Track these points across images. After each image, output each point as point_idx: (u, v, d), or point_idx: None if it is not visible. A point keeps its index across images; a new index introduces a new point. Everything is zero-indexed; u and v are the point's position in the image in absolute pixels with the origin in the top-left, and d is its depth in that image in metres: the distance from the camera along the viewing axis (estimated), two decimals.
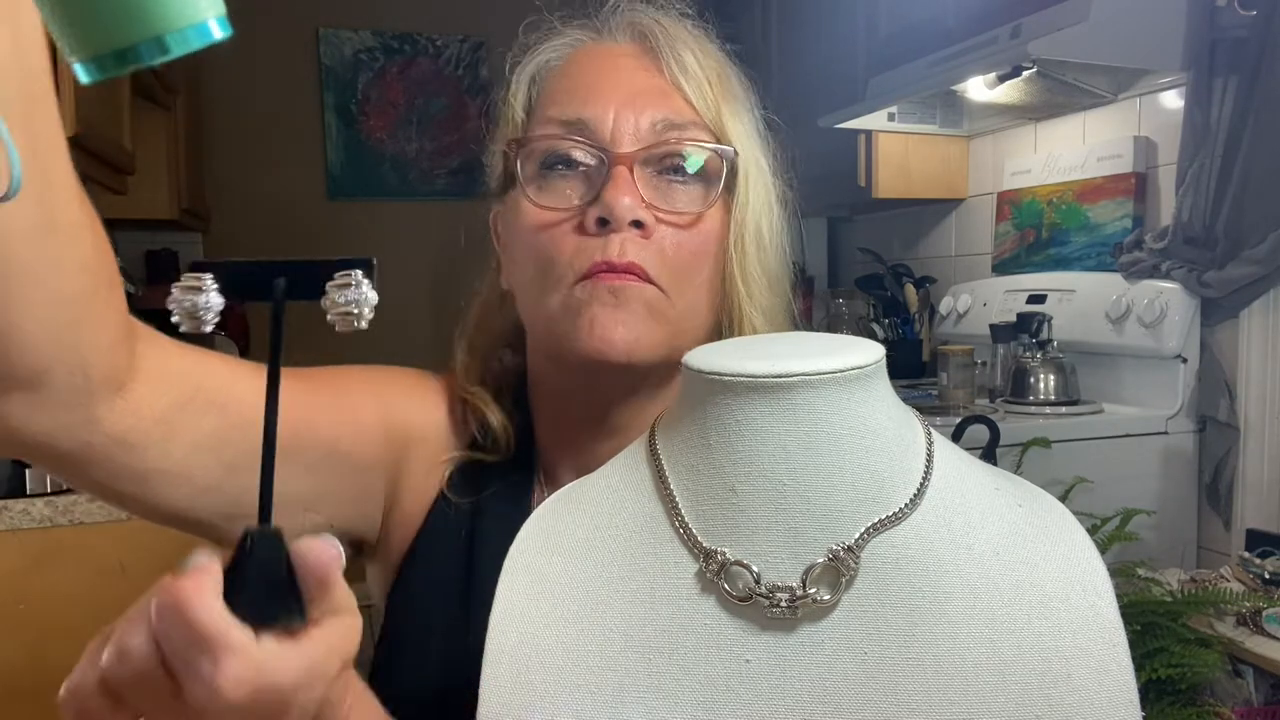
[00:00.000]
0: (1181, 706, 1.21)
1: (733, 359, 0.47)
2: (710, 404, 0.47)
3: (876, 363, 0.47)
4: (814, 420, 0.45)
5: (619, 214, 0.59)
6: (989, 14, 1.84)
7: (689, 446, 0.48)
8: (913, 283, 2.58)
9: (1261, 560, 1.45)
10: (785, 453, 0.45)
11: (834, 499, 0.46)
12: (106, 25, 0.29)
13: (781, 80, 2.80)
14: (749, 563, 0.45)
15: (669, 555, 0.47)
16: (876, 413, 0.47)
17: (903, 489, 0.47)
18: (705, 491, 0.47)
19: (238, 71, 3.39)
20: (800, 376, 0.45)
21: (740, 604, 0.45)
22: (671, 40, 0.64)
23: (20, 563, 1.44)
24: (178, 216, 2.68)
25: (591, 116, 0.61)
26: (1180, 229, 1.69)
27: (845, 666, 0.44)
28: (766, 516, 0.46)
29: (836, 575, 0.45)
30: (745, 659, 0.45)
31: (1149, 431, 1.73)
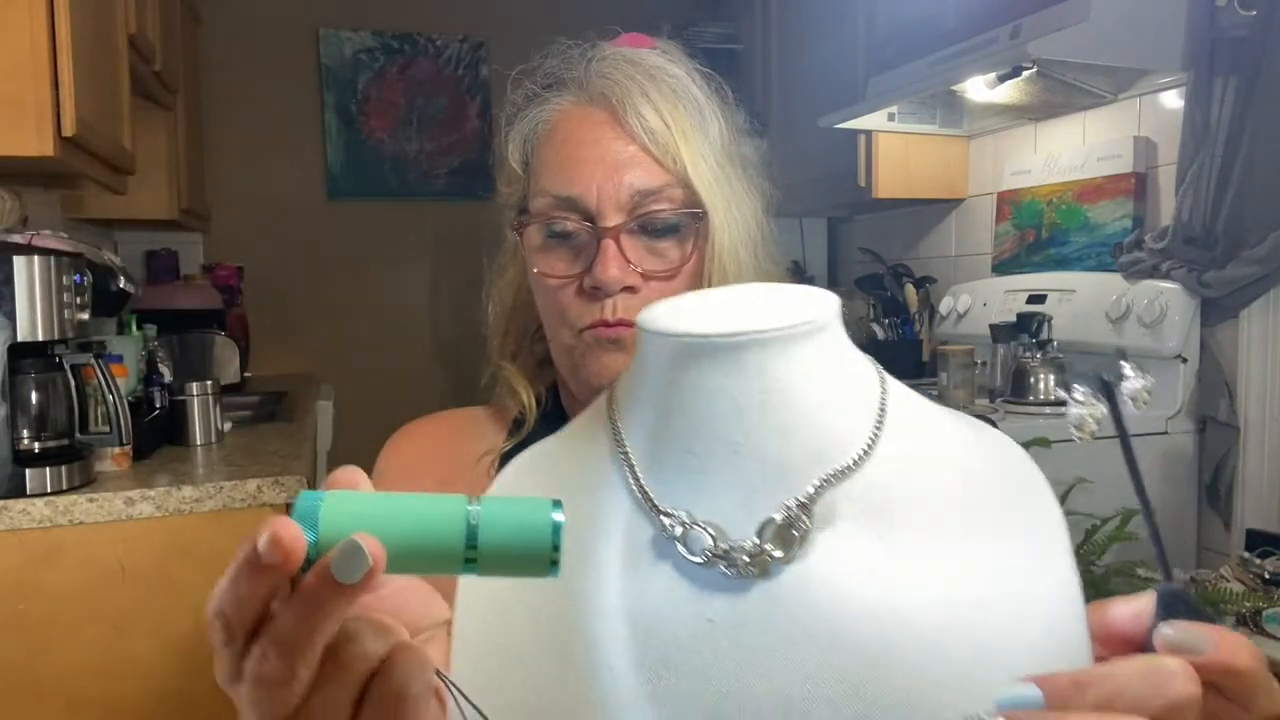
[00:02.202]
0: None
1: (684, 319, 0.47)
2: (664, 366, 0.47)
3: (827, 317, 0.47)
4: (766, 378, 0.45)
5: (609, 285, 0.70)
6: (989, 14, 1.84)
7: (645, 409, 0.49)
8: (913, 283, 2.58)
9: (1261, 560, 1.45)
10: (739, 411, 0.45)
11: (788, 456, 0.46)
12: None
13: (781, 80, 2.80)
14: (707, 524, 0.45)
15: (629, 519, 0.48)
16: (828, 366, 0.47)
17: (856, 441, 0.47)
18: (663, 454, 0.47)
19: (238, 71, 3.40)
20: (752, 335, 0.45)
21: (700, 566, 0.45)
22: (636, 105, 0.72)
23: (20, 563, 1.44)
24: (178, 216, 2.68)
25: (579, 193, 0.72)
26: (1180, 229, 1.69)
27: (804, 620, 0.44)
28: (722, 477, 0.46)
29: (789, 532, 0.45)
30: (708, 619, 0.45)
31: (1149, 431, 1.73)
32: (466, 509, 0.36)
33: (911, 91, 2.05)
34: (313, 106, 3.53)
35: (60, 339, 1.55)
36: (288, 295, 3.46)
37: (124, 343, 1.96)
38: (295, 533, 0.34)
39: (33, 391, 1.55)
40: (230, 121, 3.38)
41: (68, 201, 2.36)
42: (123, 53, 1.95)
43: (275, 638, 0.35)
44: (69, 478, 1.54)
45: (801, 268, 3.09)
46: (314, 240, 3.52)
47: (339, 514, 0.36)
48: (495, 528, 0.36)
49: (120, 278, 1.84)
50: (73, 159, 1.61)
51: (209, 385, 2.06)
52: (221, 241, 3.41)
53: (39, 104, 1.48)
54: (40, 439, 1.56)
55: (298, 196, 3.51)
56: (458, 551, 0.36)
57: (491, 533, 0.36)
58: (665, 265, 0.73)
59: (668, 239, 0.73)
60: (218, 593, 0.36)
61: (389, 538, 0.35)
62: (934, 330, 2.45)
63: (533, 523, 0.37)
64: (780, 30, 2.80)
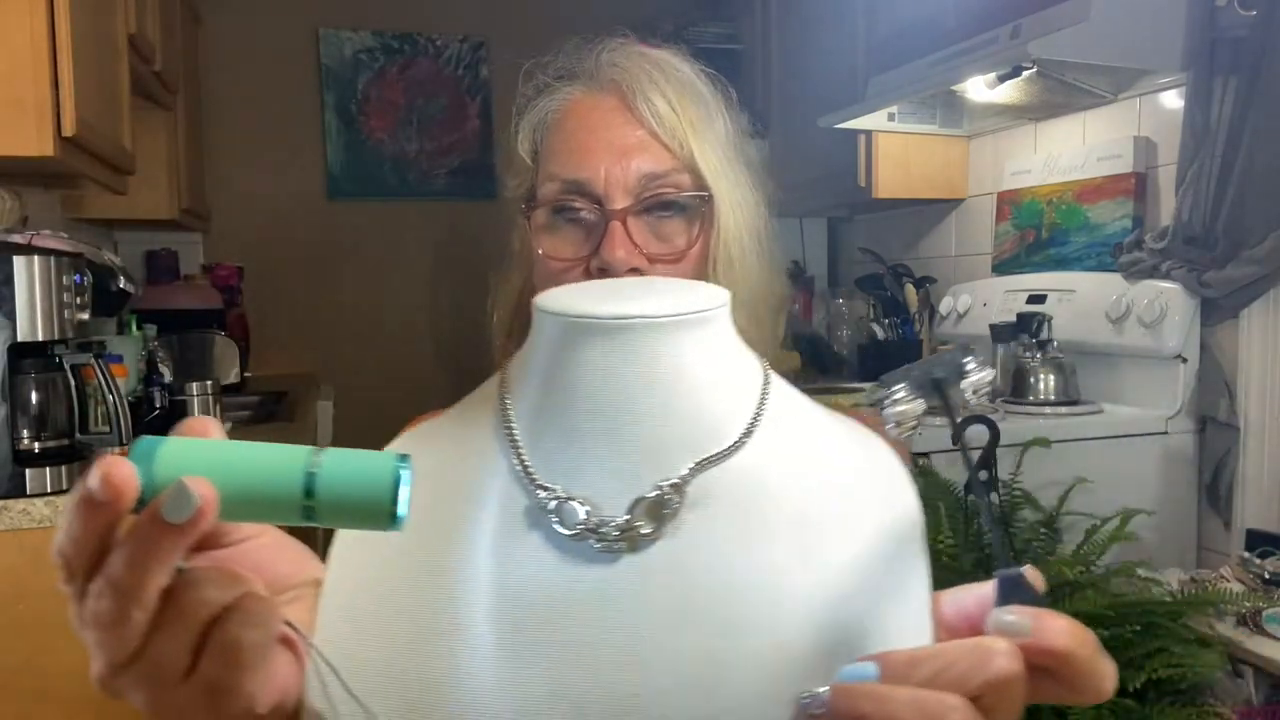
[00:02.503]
0: (1181, 706, 1.21)
1: (580, 300, 0.48)
2: (556, 344, 0.48)
3: (719, 306, 0.50)
4: (654, 361, 0.47)
5: (616, 266, 0.71)
6: (989, 14, 1.84)
7: (533, 385, 0.50)
8: (913, 283, 2.58)
9: (1261, 560, 1.45)
10: (625, 392, 0.47)
11: (668, 436, 0.47)
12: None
13: (781, 80, 2.80)
14: (581, 498, 0.47)
15: (506, 492, 0.49)
16: (714, 354, 0.49)
17: (734, 428, 0.49)
18: (546, 430, 0.49)
19: (238, 71, 3.40)
20: (642, 318, 0.47)
21: (571, 539, 0.47)
22: (646, 92, 0.73)
23: (20, 563, 1.44)
24: (178, 216, 2.68)
25: (588, 177, 0.73)
26: (1180, 229, 1.69)
27: (668, 596, 0.46)
28: (603, 455, 0.47)
29: (660, 510, 0.47)
30: (572, 588, 0.46)
31: (1149, 431, 1.73)
32: (308, 458, 0.37)
33: (911, 91, 2.05)
34: (313, 106, 3.53)
35: (60, 339, 1.55)
36: (288, 295, 3.46)
37: (124, 343, 1.96)
38: (127, 472, 0.34)
39: (33, 391, 1.55)
40: (230, 121, 3.38)
41: (68, 201, 2.36)
42: (123, 53, 1.95)
43: (108, 578, 0.35)
44: (69, 477, 1.54)
45: (801, 268, 3.08)
46: (314, 240, 3.52)
47: (177, 458, 0.36)
48: (335, 478, 0.36)
49: (120, 278, 1.84)
50: (73, 159, 1.61)
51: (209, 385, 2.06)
52: (221, 241, 3.41)
53: (39, 104, 1.48)
54: (40, 439, 1.56)
55: (298, 196, 3.51)
56: (295, 499, 0.36)
57: (331, 482, 0.36)
58: (671, 248, 0.74)
59: (674, 222, 0.74)
60: (59, 530, 0.36)
61: (227, 483, 0.35)
62: (934, 330, 2.45)
63: (374, 474, 0.37)
64: (780, 30, 2.80)
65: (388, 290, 3.57)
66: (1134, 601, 1.25)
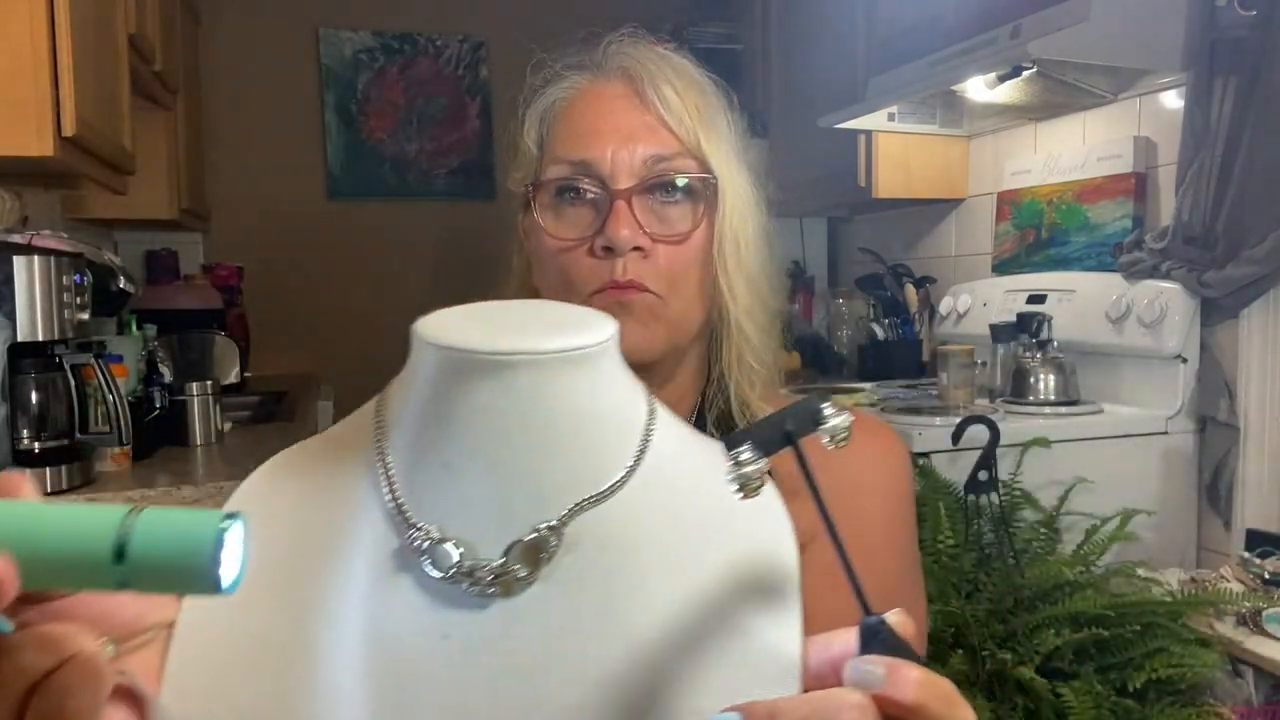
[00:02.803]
0: (1181, 706, 1.21)
1: (459, 331, 0.46)
2: (436, 376, 0.46)
3: (605, 341, 0.47)
4: (536, 399, 0.45)
5: (621, 244, 0.71)
6: (989, 14, 1.84)
7: (409, 419, 0.48)
8: (913, 283, 2.58)
9: (1261, 560, 1.45)
10: (504, 431, 0.45)
11: (548, 477, 0.46)
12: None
13: (781, 80, 2.80)
14: (454, 539, 0.45)
15: (376, 531, 0.46)
16: (600, 392, 0.47)
17: (615, 469, 0.47)
18: (421, 466, 0.46)
19: (238, 71, 3.40)
20: (525, 355, 0.45)
21: (443, 582, 0.45)
22: (655, 79, 0.74)
23: None
24: (178, 216, 2.68)
25: (593, 157, 0.73)
26: (1180, 229, 1.69)
27: (542, 642, 0.44)
28: (479, 494, 0.45)
29: (537, 553, 0.45)
30: (444, 635, 0.44)
31: (1149, 431, 1.73)
32: (122, 520, 0.34)
33: (911, 91, 2.05)
34: (313, 106, 3.53)
35: (60, 339, 1.55)
36: (288, 295, 3.46)
37: (124, 343, 1.96)
38: None
39: (33, 391, 1.55)
40: (230, 121, 3.38)
41: (68, 201, 2.36)
42: (123, 53, 1.95)
43: None
44: (69, 478, 1.54)
45: (801, 268, 3.09)
46: (314, 240, 3.52)
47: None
48: (149, 541, 0.34)
49: (120, 278, 1.84)
50: (73, 159, 1.61)
51: (209, 385, 2.06)
52: (221, 241, 3.41)
53: (39, 104, 1.48)
54: (40, 439, 1.56)
55: (298, 196, 3.51)
56: (106, 565, 0.34)
57: (144, 547, 0.34)
58: (676, 231, 0.74)
59: (679, 206, 0.74)
60: None
61: (32, 550, 0.33)
62: (934, 330, 2.45)
63: (192, 536, 0.34)
64: (780, 30, 2.80)
65: (388, 290, 3.57)
66: (1134, 601, 1.25)
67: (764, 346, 0.77)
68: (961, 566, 1.32)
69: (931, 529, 1.35)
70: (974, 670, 1.22)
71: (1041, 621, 1.23)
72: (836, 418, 0.44)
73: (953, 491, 1.44)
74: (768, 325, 0.78)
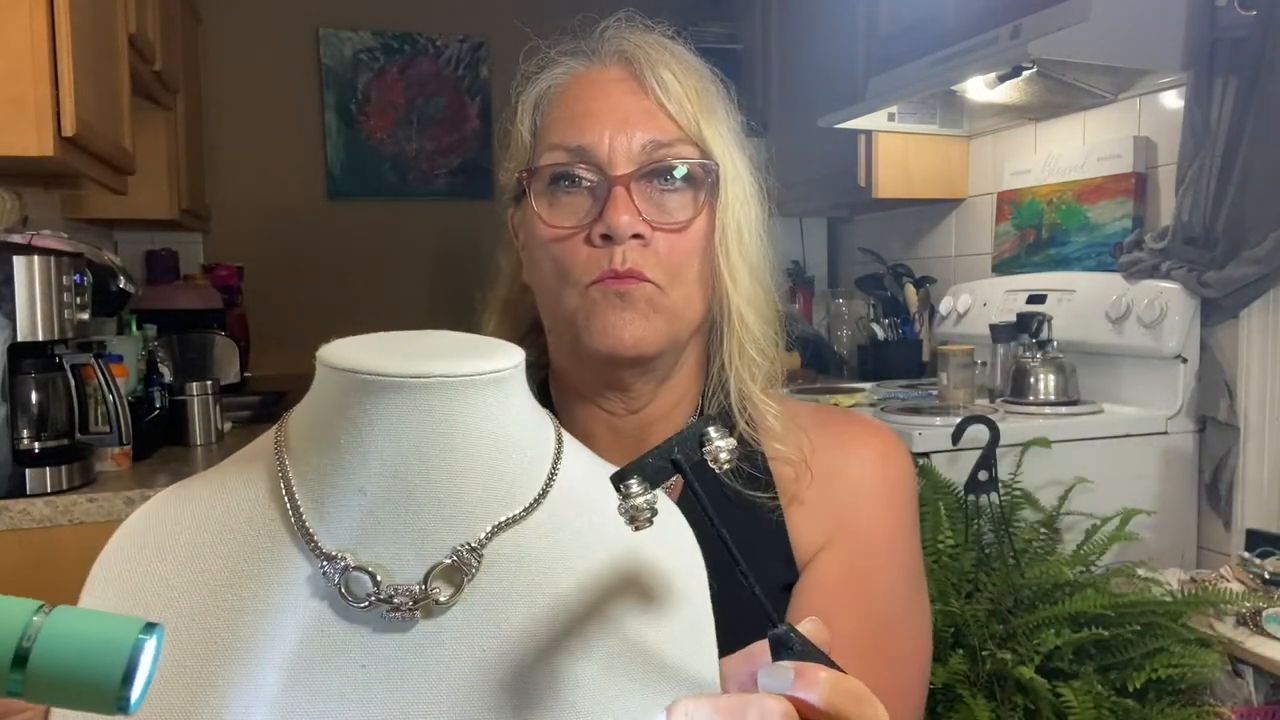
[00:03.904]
0: (1181, 706, 1.21)
1: (370, 356, 0.45)
2: (344, 402, 0.45)
3: (514, 367, 0.48)
4: (450, 421, 0.45)
5: (620, 231, 0.68)
6: (989, 14, 1.84)
7: (317, 446, 0.47)
8: (913, 283, 2.58)
9: (1261, 560, 1.45)
10: (419, 454, 0.45)
11: (464, 500, 0.46)
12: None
13: (781, 80, 2.80)
14: (369, 566, 0.44)
15: (287, 561, 0.46)
16: (511, 415, 0.48)
17: (530, 489, 0.48)
18: (332, 493, 0.46)
19: (238, 71, 3.40)
20: (439, 378, 0.45)
21: (361, 609, 0.44)
22: (653, 63, 0.72)
23: (20, 562, 1.44)
24: (178, 216, 2.68)
25: (590, 143, 0.70)
26: (1180, 229, 1.69)
27: (463, 665, 0.44)
28: (396, 518, 0.45)
29: (458, 575, 0.45)
30: (362, 665, 0.44)
31: (1149, 431, 1.73)
32: (27, 622, 0.30)
33: (911, 91, 2.05)
34: (313, 106, 3.53)
35: (60, 339, 1.55)
36: (288, 295, 3.46)
37: (124, 343, 1.96)
38: None
39: (33, 391, 1.55)
40: (230, 121, 3.38)
41: (68, 201, 2.36)
42: (123, 53, 1.95)
43: None
44: (69, 478, 1.54)
45: (801, 268, 3.08)
46: (314, 240, 3.52)
47: None
48: (55, 649, 0.30)
49: (120, 278, 1.84)
50: (73, 159, 1.61)
51: (209, 385, 2.06)
52: (221, 241, 3.41)
53: (39, 104, 1.48)
54: (40, 439, 1.56)
55: (298, 196, 3.51)
56: (2, 672, 0.30)
57: (48, 654, 0.30)
58: (676, 218, 0.71)
59: (679, 193, 0.72)
60: None
61: None
62: (934, 330, 2.45)
63: (106, 649, 0.30)
64: (780, 30, 2.80)
65: (388, 290, 3.57)
66: (1134, 601, 1.25)
67: (766, 338, 0.75)
68: (961, 566, 1.32)
69: (931, 529, 1.35)
70: (974, 670, 1.22)
71: (1041, 621, 1.23)
72: (721, 439, 0.44)
73: (953, 491, 1.44)
74: (770, 316, 0.76)
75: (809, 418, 0.79)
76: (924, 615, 0.77)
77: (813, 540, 0.73)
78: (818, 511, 0.74)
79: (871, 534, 0.74)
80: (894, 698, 0.71)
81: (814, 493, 0.74)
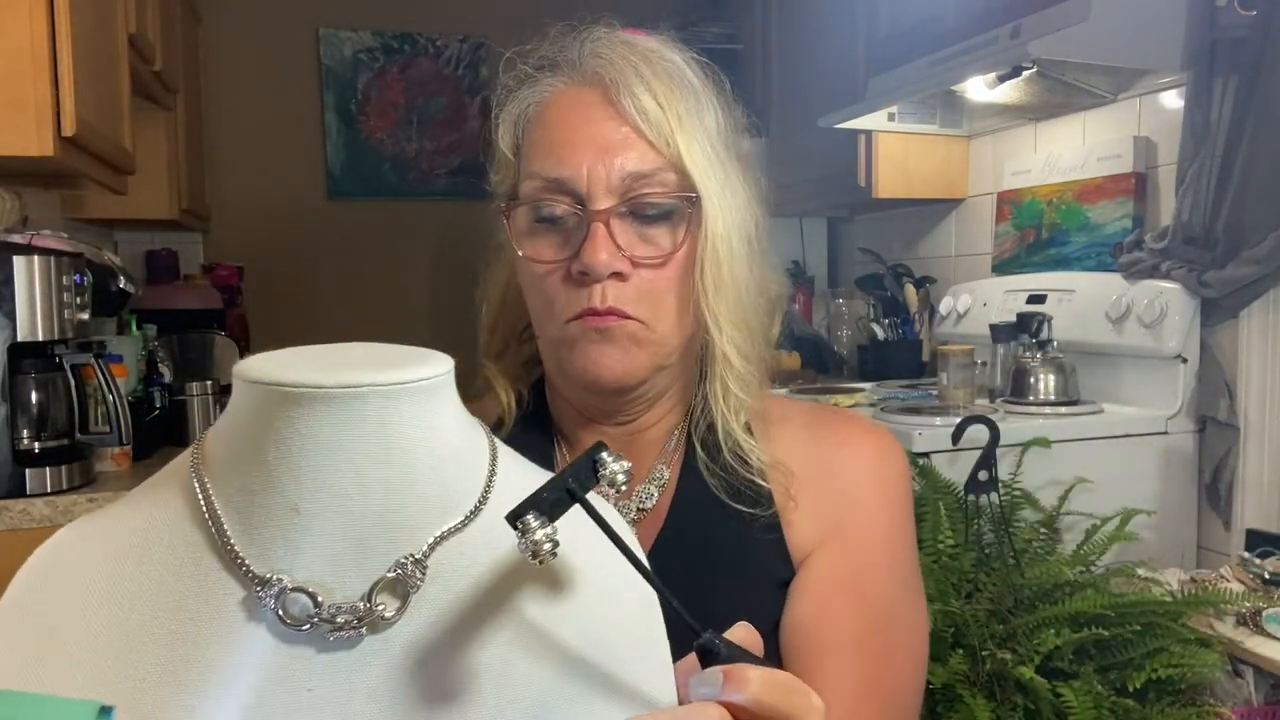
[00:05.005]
0: (1181, 706, 1.21)
1: (295, 370, 0.44)
2: (270, 417, 0.43)
3: (446, 374, 0.47)
4: (384, 432, 0.44)
5: (597, 270, 0.68)
6: (989, 14, 1.84)
7: (242, 464, 0.44)
8: (913, 283, 2.58)
9: (1261, 560, 1.45)
10: (354, 466, 0.43)
11: (404, 511, 0.44)
12: None
13: (781, 80, 2.80)
14: (307, 585, 0.43)
15: (216, 587, 0.43)
16: (444, 423, 0.47)
17: (469, 497, 0.47)
18: (261, 512, 0.44)
19: (238, 71, 3.40)
20: (371, 387, 0.43)
21: (301, 630, 0.43)
22: (630, 86, 0.70)
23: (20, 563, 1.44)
24: (178, 216, 2.68)
25: (569, 175, 0.69)
26: (1180, 229, 1.69)
27: (413, 679, 0.43)
28: (333, 534, 0.43)
29: (403, 588, 0.44)
30: (307, 688, 0.42)
31: (1149, 431, 1.73)
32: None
33: (911, 91, 2.05)
34: (313, 106, 3.53)
35: (60, 339, 1.55)
36: (288, 295, 3.46)
37: (124, 343, 1.96)
38: None
39: (33, 391, 1.55)
40: (230, 121, 3.38)
41: (68, 201, 2.36)
42: (123, 53, 1.95)
43: None
44: (69, 478, 1.54)
45: (801, 268, 3.08)
46: (314, 240, 3.52)
47: None
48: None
49: (120, 278, 1.84)
50: (73, 159, 1.61)
51: (209, 385, 2.06)
52: (221, 241, 3.41)
53: (39, 104, 1.48)
54: (40, 439, 1.56)
55: (298, 196, 3.51)
56: None
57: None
58: (656, 252, 0.70)
59: (660, 225, 0.71)
60: None
61: None
62: (934, 330, 2.45)
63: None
64: (780, 30, 2.80)
65: (388, 290, 3.57)
66: (1134, 601, 1.25)
67: (748, 373, 0.74)
68: (961, 566, 1.32)
69: (931, 529, 1.35)
70: (974, 670, 1.22)
71: (1041, 621, 1.23)
72: (614, 464, 0.44)
73: (953, 491, 1.44)
74: (753, 352, 0.74)
75: (802, 417, 0.79)
76: (921, 611, 0.77)
77: (809, 538, 0.74)
78: (814, 510, 0.74)
79: (869, 532, 0.74)
80: (892, 692, 0.71)
81: (810, 491, 0.74)
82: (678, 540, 0.73)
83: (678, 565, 0.70)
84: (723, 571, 0.73)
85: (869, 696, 0.69)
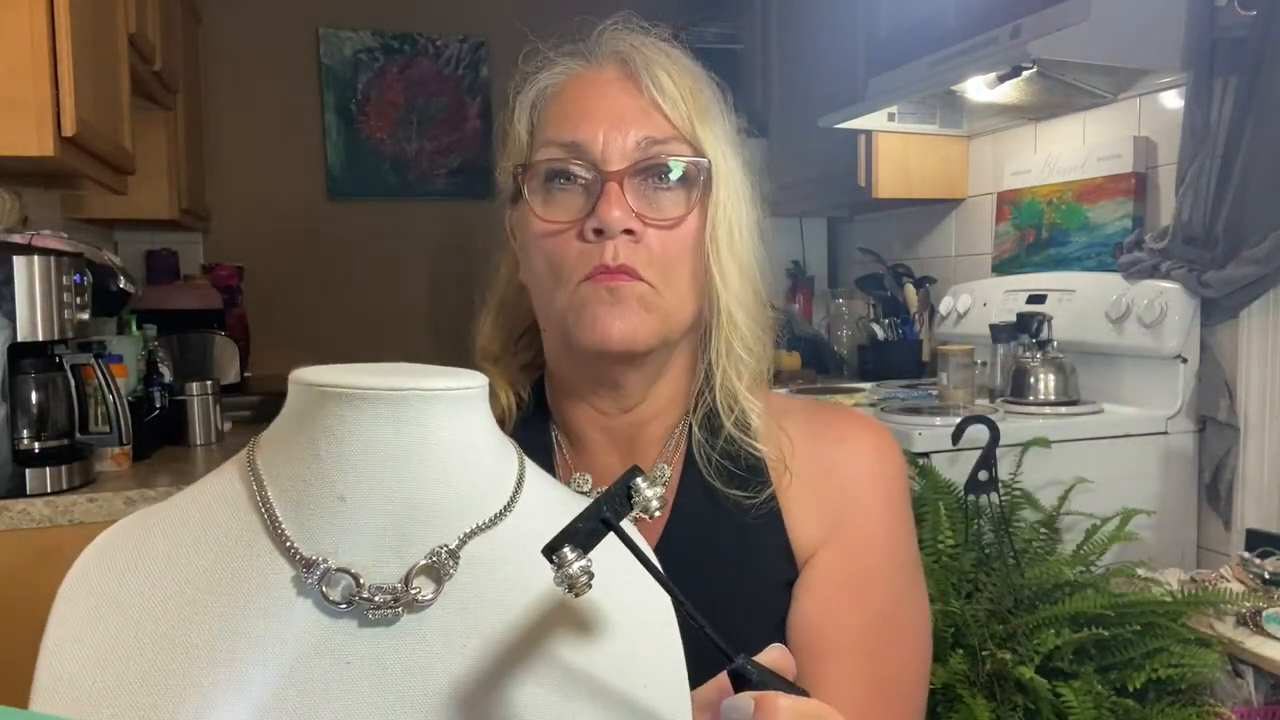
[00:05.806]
0: (1181, 706, 1.21)
1: (346, 375, 0.49)
2: (323, 416, 0.48)
3: (480, 388, 0.52)
4: (424, 431, 0.48)
5: (612, 225, 0.69)
6: (989, 14, 1.84)
7: (295, 458, 0.49)
8: (913, 283, 2.58)
9: (1261, 560, 1.45)
10: (395, 461, 0.48)
11: (440, 504, 0.48)
12: None
13: (781, 80, 2.80)
14: (350, 567, 0.46)
15: (266, 567, 0.47)
16: (477, 429, 0.51)
17: (498, 499, 0.51)
18: (311, 501, 0.48)
19: (238, 71, 3.40)
20: (412, 391, 0.48)
21: (342, 609, 0.46)
22: (649, 63, 0.73)
23: (20, 562, 1.44)
24: (178, 216, 2.68)
25: (585, 139, 0.71)
26: (1180, 229, 1.69)
27: (445, 660, 0.47)
28: (375, 522, 0.47)
29: (438, 574, 0.47)
30: (346, 662, 0.46)
31: (1149, 431, 1.73)
32: None
33: (911, 91, 2.05)
34: (313, 106, 3.53)
35: (60, 339, 1.55)
36: (288, 295, 3.46)
37: (124, 343, 1.96)
38: None
39: (33, 391, 1.55)
40: (230, 121, 3.38)
41: (68, 201, 2.36)
42: (123, 53, 1.95)
43: None
44: (69, 478, 1.54)
45: (801, 268, 3.08)
46: (314, 240, 3.52)
47: None
48: None
49: (120, 278, 1.84)
50: (73, 159, 1.61)
51: (209, 385, 2.06)
52: (221, 241, 3.41)
53: (39, 104, 1.48)
54: (40, 439, 1.56)
55: (298, 196, 3.51)
56: None
57: None
58: (668, 215, 0.72)
59: (672, 190, 0.72)
60: None
61: None
62: (934, 330, 2.45)
63: None
64: (780, 30, 2.80)
65: (388, 290, 3.57)
66: (1134, 601, 1.25)
67: (754, 336, 0.75)
68: (961, 566, 1.32)
69: (931, 529, 1.35)
70: (974, 670, 1.22)
71: (1041, 621, 1.23)
72: (648, 489, 0.46)
73: (953, 491, 1.44)
74: (759, 314, 0.76)
75: (800, 413, 0.79)
76: (923, 607, 0.77)
77: (812, 537, 0.74)
78: (815, 507, 0.74)
79: (870, 530, 0.74)
80: (900, 691, 0.72)
81: (810, 488, 0.75)
82: (682, 542, 0.74)
83: (683, 567, 0.70)
84: (728, 572, 0.73)
85: (877, 694, 0.70)
